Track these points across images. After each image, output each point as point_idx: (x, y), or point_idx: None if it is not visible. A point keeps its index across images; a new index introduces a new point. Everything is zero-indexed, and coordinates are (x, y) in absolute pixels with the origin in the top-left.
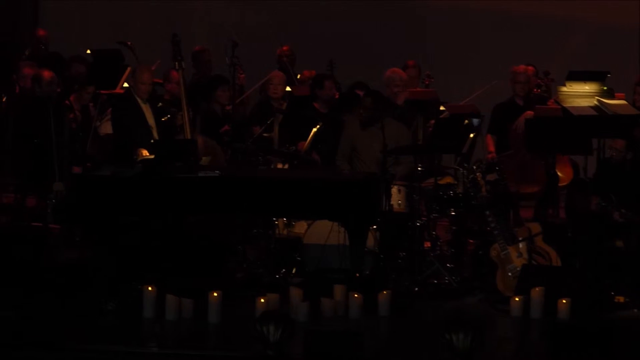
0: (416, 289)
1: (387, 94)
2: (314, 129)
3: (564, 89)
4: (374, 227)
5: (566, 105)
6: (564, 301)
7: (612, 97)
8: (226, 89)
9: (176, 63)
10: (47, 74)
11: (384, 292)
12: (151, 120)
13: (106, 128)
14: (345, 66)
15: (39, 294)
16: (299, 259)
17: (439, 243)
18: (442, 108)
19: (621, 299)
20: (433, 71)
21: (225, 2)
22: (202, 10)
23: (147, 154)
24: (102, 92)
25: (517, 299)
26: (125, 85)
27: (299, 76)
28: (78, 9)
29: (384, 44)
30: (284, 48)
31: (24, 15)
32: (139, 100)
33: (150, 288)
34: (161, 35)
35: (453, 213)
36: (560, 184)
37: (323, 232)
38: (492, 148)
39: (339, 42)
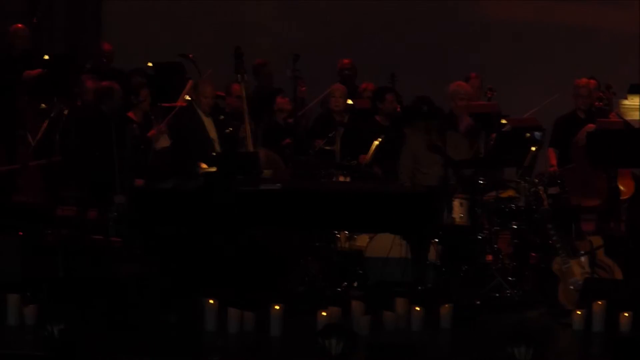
0: (478, 302)
1: (450, 107)
2: (376, 142)
3: (626, 102)
4: (436, 240)
5: (628, 118)
6: (626, 314)
7: None
8: (287, 102)
9: (238, 76)
10: (107, 88)
11: (446, 305)
12: (213, 133)
13: (162, 142)
14: (407, 79)
15: (99, 307)
16: (360, 272)
17: (500, 256)
18: (503, 121)
19: None
20: (495, 84)
21: (287, 15)
22: (265, 24)
23: (212, 167)
24: (163, 105)
25: (578, 312)
26: (187, 98)
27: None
28: (141, 22)
29: (446, 56)
30: (345, 61)
31: (86, 28)
32: (201, 114)
33: (211, 301)
34: (223, 48)
35: (515, 226)
36: (622, 197)
37: (385, 245)
38: (553, 161)
39: (401, 55)
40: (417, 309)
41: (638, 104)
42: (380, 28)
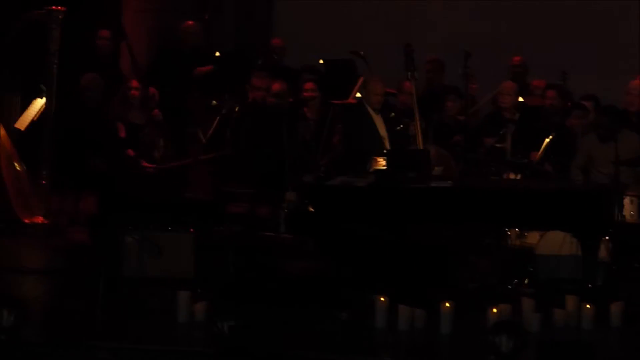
0: None
1: (623, 103)
2: (547, 140)
3: None
4: (607, 237)
5: None
6: None
7: None
8: (457, 100)
9: (408, 73)
10: (277, 85)
11: (617, 303)
12: (383, 131)
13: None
14: (579, 76)
15: (271, 304)
16: (531, 269)
17: None
18: None
19: None
20: None
21: (458, 12)
22: (436, 20)
23: (383, 163)
24: (334, 102)
25: None
26: (358, 95)
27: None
28: (311, 19)
29: (618, 53)
30: (516, 58)
31: (257, 25)
32: (371, 111)
33: (382, 298)
34: (394, 45)
35: None
36: None
37: (555, 242)
38: None
39: (573, 52)
40: (588, 306)
41: None
42: (553, 25)
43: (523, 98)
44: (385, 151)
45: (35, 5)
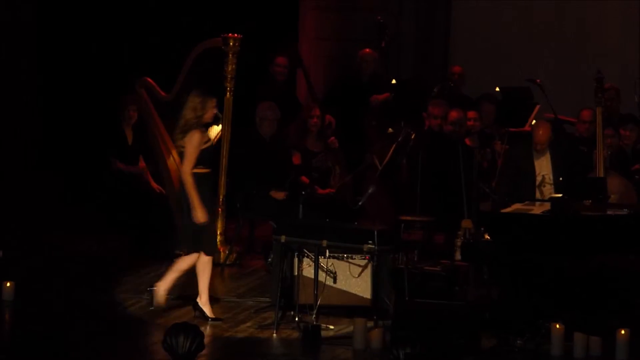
0: None
1: None
2: None
3: None
4: None
5: None
6: None
7: None
8: (634, 128)
9: (596, 99)
10: (454, 113)
11: None
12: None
13: None
14: None
15: (445, 331)
16: None
17: None
18: None
19: None
20: None
21: (633, 39)
22: (615, 49)
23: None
24: (511, 130)
25: None
26: (534, 122)
27: None
28: (489, 46)
29: None
30: None
31: (434, 53)
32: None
33: (558, 326)
34: (570, 73)
35: None
36: None
37: None
38: None
39: None
40: None
41: None
42: None
43: None
44: (561, 178)
45: (212, 33)
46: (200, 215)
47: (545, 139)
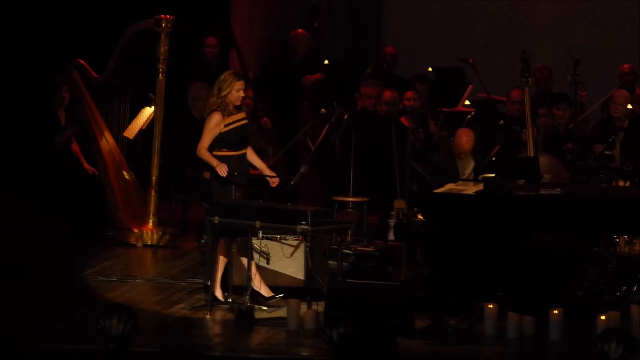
0: None
1: None
2: None
3: None
4: None
5: None
6: None
7: None
8: (566, 108)
9: (523, 80)
10: (388, 93)
11: None
12: None
13: None
14: None
15: (382, 311)
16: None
17: None
18: None
19: None
20: None
21: (567, 19)
22: (547, 29)
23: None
24: (443, 109)
25: None
26: (467, 103)
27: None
28: (420, 26)
29: None
30: (625, 66)
31: (367, 33)
32: None
33: (491, 306)
34: (502, 53)
35: None
36: None
37: None
38: None
39: None
40: None
41: None
42: None
43: (632, 106)
44: (494, 158)
45: (144, 15)
46: (220, 169)
47: (468, 148)
